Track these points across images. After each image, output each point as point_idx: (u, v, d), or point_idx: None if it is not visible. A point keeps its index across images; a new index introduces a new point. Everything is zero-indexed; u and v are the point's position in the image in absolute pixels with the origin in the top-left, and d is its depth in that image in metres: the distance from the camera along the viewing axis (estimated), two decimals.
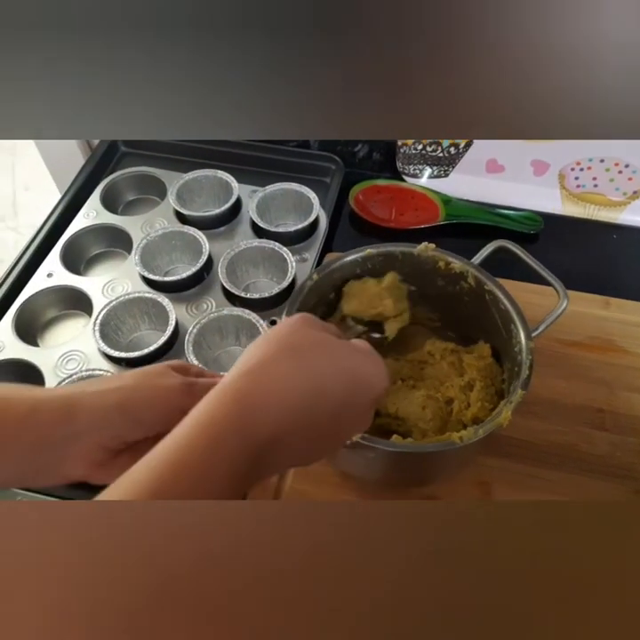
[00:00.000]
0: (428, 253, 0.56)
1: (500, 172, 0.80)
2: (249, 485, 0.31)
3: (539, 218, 0.78)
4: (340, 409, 0.32)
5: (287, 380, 0.31)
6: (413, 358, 0.59)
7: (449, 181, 0.82)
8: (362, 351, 0.36)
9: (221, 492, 0.29)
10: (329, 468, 0.56)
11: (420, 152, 0.81)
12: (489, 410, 0.54)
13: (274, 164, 0.85)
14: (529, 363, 0.49)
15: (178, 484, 0.28)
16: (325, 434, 0.33)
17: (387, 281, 0.57)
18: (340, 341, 0.35)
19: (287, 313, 0.53)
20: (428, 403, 0.54)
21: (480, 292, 0.55)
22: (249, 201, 0.78)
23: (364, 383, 0.34)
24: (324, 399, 0.31)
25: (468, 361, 0.57)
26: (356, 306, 0.58)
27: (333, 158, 0.85)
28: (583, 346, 0.66)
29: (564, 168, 0.78)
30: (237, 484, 0.30)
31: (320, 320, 0.38)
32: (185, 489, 0.28)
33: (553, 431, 0.60)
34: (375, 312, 0.58)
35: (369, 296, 0.57)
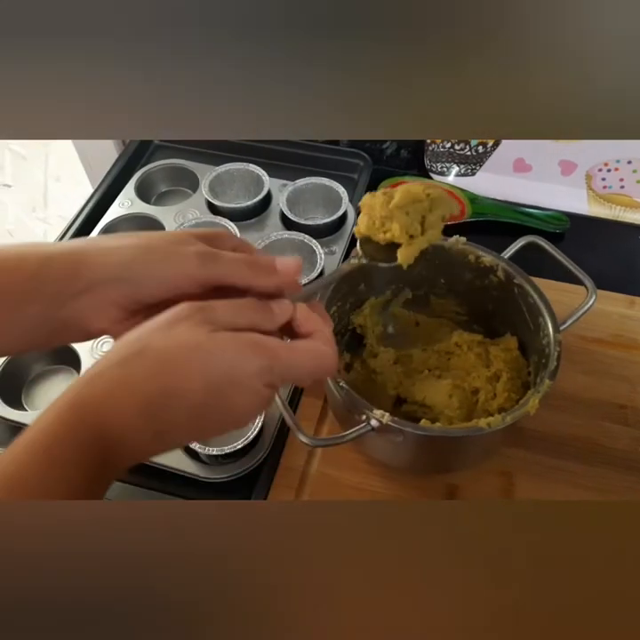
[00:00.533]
0: (459, 247, 0.58)
1: (527, 171, 0.82)
2: (106, 481, 0.32)
3: (565, 217, 0.79)
4: (203, 408, 0.33)
5: (129, 385, 0.31)
6: (440, 349, 0.61)
7: (476, 179, 0.84)
8: (241, 346, 0.33)
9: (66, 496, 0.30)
10: (356, 454, 0.58)
11: (448, 150, 0.82)
12: (515, 400, 0.55)
13: (304, 160, 0.87)
14: (557, 354, 0.50)
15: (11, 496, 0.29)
16: (188, 428, 0.33)
17: (397, 198, 0.45)
18: (212, 341, 0.33)
19: (318, 301, 0.54)
20: (455, 392, 0.56)
21: (509, 285, 0.56)
22: (279, 194, 0.80)
23: (233, 381, 0.33)
24: (177, 400, 0.32)
25: (494, 353, 0.58)
26: (366, 228, 0.46)
27: (362, 155, 0.86)
28: (607, 343, 0.67)
29: (592, 169, 0.79)
30: (85, 484, 0.31)
31: (213, 309, 0.34)
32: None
33: (575, 425, 0.61)
34: (385, 237, 0.46)
35: (379, 217, 0.45)
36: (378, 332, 0.63)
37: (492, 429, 0.46)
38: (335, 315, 0.58)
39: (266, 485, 0.57)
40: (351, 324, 0.62)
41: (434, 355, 0.60)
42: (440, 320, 0.65)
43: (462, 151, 0.82)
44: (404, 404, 0.58)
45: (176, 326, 0.33)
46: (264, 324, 0.35)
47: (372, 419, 0.47)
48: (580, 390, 0.63)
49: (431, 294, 0.64)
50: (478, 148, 0.81)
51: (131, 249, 0.37)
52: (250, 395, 0.33)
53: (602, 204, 0.81)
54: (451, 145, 0.82)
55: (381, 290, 0.63)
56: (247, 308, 0.35)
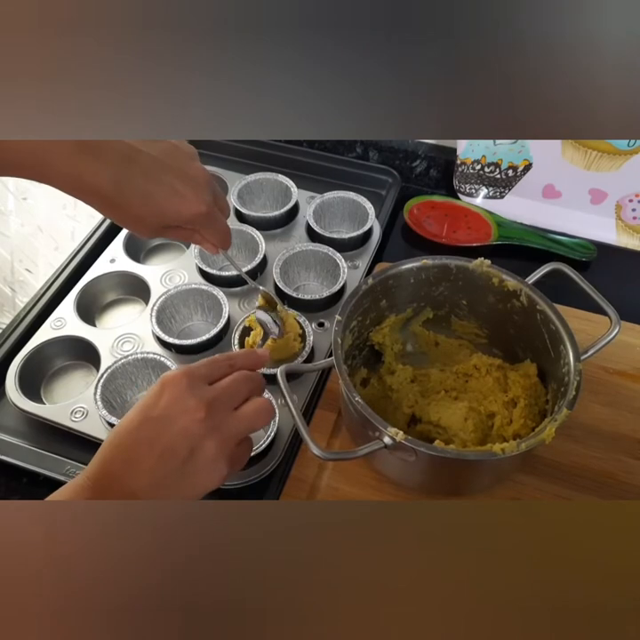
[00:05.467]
0: (483, 269, 0.58)
1: (556, 197, 0.81)
2: None
3: (592, 246, 0.78)
4: (186, 464, 0.40)
5: (140, 447, 0.40)
6: (458, 370, 0.60)
7: (504, 203, 0.83)
8: (211, 421, 0.42)
9: None
10: (367, 470, 0.58)
11: (478, 172, 0.82)
12: (531, 428, 0.54)
13: (333, 173, 0.88)
14: (576, 383, 0.49)
15: None
16: (178, 481, 0.41)
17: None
18: (189, 411, 0.41)
19: (340, 313, 0.55)
20: (471, 414, 0.55)
21: (531, 311, 0.56)
22: (307, 206, 0.80)
23: (194, 448, 0.41)
24: (170, 456, 0.40)
25: (513, 378, 0.57)
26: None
27: (391, 172, 0.87)
28: (628, 376, 0.66)
29: (622, 199, 0.78)
30: None
31: (199, 377, 0.44)
32: None
33: (591, 457, 0.60)
34: None
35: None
36: (396, 350, 0.63)
37: (505, 455, 0.46)
38: (355, 329, 0.58)
39: (275, 495, 0.57)
40: (370, 341, 0.62)
41: (451, 376, 0.60)
42: (460, 341, 0.65)
43: (492, 174, 0.82)
44: (419, 423, 0.58)
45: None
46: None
47: (385, 436, 0.47)
48: (598, 422, 0.62)
49: (452, 315, 0.64)
50: (508, 171, 0.81)
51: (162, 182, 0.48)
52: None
53: (630, 234, 0.80)
54: (480, 167, 0.82)
55: (403, 307, 0.62)
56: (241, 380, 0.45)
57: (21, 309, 0.70)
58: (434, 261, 0.58)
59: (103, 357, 0.66)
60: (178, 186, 0.48)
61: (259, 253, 0.74)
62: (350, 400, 0.49)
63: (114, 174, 0.45)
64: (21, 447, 0.60)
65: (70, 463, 0.59)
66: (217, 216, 0.53)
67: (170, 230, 0.52)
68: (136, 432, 0.41)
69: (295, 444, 0.60)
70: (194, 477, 0.41)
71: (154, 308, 0.68)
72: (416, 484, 0.56)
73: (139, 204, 0.47)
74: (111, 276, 0.74)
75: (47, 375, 0.68)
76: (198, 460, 0.41)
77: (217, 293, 0.70)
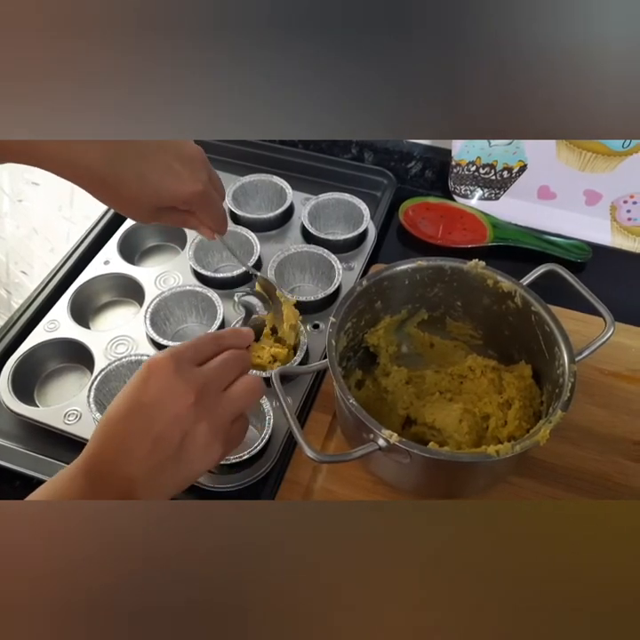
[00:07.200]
0: (478, 270, 0.58)
1: (551, 199, 0.81)
2: None
3: (587, 247, 0.78)
4: (180, 450, 0.40)
5: (133, 436, 0.40)
6: (453, 372, 0.60)
7: (499, 204, 0.83)
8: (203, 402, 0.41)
9: None
10: (362, 472, 0.57)
11: (473, 173, 0.82)
12: (525, 429, 0.54)
13: (328, 175, 0.87)
14: (571, 385, 0.49)
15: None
16: (174, 466, 0.40)
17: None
18: (179, 396, 0.41)
19: (334, 315, 0.54)
20: (465, 416, 0.55)
21: (526, 312, 0.56)
22: (301, 207, 0.80)
23: (187, 434, 0.40)
24: (163, 443, 0.40)
25: (508, 379, 0.57)
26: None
27: (386, 173, 0.87)
28: (623, 377, 0.66)
29: (617, 200, 0.78)
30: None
31: (187, 358, 0.43)
32: None
33: (586, 458, 0.60)
34: None
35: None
36: (391, 351, 0.63)
37: (500, 457, 0.46)
38: (350, 331, 0.58)
39: (269, 497, 0.57)
40: (365, 343, 0.62)
41: (446, 377, 0.60)
42: (455, 343, 0.65)
43: (487, 175, 0.82)
44: (414, 425, 0.58)
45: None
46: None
47: (379, 438, 0.47)
48: (593, 423, 0.62)
49: (447, 316, 0.64)
50: (503, 172, 0.81)
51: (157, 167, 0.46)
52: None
53: (625, 235, 0.80)
54: (475, 168, 0.82)
55: (397, 309, 0.62)
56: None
57: (15, 311, 0.70)
58: (428, 263, 0.58)
59: (97, 360, 0.65)
60: (173, 164, 0.47)
61: (254, 255, 0.74)
62: (344, 402, 0.49)
63: (107, 153, 0.43)
64: (14, 450, 0.60)
65: (63, 466, 0.57)
66: (213, 196, 0.52)
67: (164, 214, 0.50)
68: (127, 421, 0.40)
69: (290, 446, 0.60)
70: (189, 462, 0.40)
71: (148, 310, 0.68)
72: (411, 487, 0.56)
73: (133, 185, 0.45)
74: (105, 277, 0.74)
75: (40, 378, 0.67)
76: (192, 445, 0.40)
77: (211, 295, 0.69)
